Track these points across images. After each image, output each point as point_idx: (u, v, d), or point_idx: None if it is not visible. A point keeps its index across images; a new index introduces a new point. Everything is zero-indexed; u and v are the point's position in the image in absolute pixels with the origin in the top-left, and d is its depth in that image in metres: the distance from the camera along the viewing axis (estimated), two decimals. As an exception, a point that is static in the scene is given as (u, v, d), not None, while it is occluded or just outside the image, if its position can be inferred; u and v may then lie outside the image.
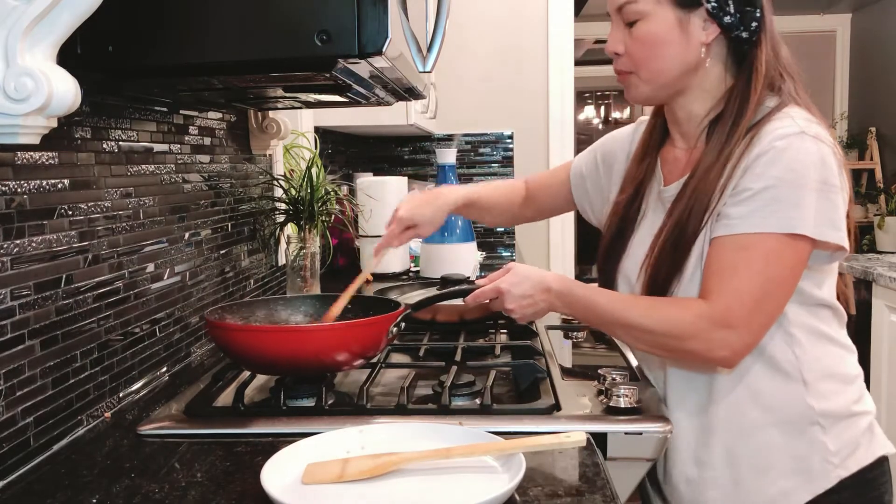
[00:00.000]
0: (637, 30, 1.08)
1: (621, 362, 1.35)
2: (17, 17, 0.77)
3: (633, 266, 1.18)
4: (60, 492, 0.87)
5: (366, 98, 1.34)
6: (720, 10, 1.05)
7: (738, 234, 1.02)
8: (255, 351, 1.09)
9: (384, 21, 0.93)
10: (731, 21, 1.06)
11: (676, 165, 1.18)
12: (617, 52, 1.12)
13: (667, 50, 1.08)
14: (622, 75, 1.14)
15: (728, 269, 1.02)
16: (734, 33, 1.07)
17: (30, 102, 0.78)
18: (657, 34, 1.07)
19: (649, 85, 1.12)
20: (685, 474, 1.13)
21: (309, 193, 1.80)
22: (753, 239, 1.01)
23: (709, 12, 1.06)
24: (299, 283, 1.80)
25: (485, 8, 3.25)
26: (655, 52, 1.09)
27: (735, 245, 1.02)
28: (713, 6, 1.05)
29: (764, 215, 1.01)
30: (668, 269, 1.09)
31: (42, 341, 0.98)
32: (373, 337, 1.13)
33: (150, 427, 1.06)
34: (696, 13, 1.06)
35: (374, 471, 0.85)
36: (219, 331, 1.12)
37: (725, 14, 1.05)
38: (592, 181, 1.37)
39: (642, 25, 1.08)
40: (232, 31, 0.97)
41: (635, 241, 1.20)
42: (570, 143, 3.32)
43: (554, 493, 0.84)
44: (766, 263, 1.01)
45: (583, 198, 1.40)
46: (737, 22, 1.06)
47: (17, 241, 0.93)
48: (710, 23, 1.07)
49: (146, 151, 1.27)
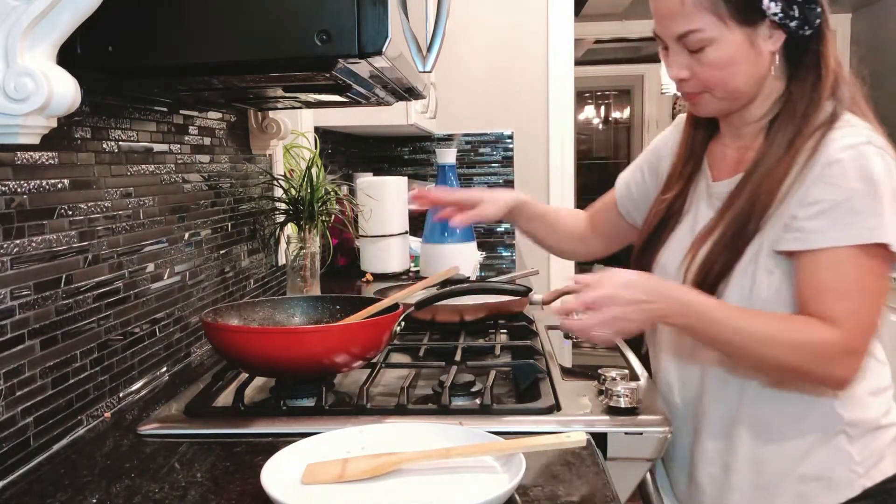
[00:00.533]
0: (706, 56, 1.05)
1: (621, 362, 1.35)
2: (17, 16, 0.77)
3: (672, 259, 1.17)
4: (60, 492, 0.87)
5: (366, 98, 1.34)
6: (785, 16, 1.03)
7: (825, 250, 1.00)
8: (253, 353, 1.09)
9: (384, 21, 0.93)
10: (797, 24, 1.04)
11: (726, 162, 1.16)
12: (682, 77, 1.09)
13: (741, 69, 1.06)
14: (692, 95, 1.11)
15: (838, 289, 1.00)
16: (798, 33, 1.05)
17: (30, 102, 0.78)
18: (729, 57, 1.04)
19: (724, 102, 1.10)
20: (711, 475, 1.12)
21: (309, 193, 1.80)
22: (843, 255, 0.99)
23: (773, 22, 1.04)
24: (299, 283, 1.80)
25: (485, 8, 3.24)
26: (730, 73, 1.06)
27: (828, 265, 1.00)
28: (779, 16, 1.03)
29: (846, 228, 0.99)
30: (720, 267, 1.07)
31: (42, 341, 0.98)
32: (372, 338, 1.13)
33: (150, 427, 1.06)
34: (762, 25, 1.04)
35: (374, 471, 0.85)
36: (216, 332, 1.12)
37: (791, 19, 1.03)
38: (639, 190, 1.35)
39: (712, 51, 1.04)
40: (232, 31, 0.97)
41: (677, 235, 1.19)
42: (570, 143, 3.32)
43: (554, 493, 0.84)
44: (871, 279, 1.00)
45: (630, 207, 1.37)
46: (801, 23, 1.04)
47: (17, 241, 0.93)
48: (776, 29, 1.05)
49: (146, 151, 1.27)
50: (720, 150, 1.18)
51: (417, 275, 2.33)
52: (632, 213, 1.36)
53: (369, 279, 2.28)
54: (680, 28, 1.05)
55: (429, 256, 2.21)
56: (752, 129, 1.13)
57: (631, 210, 1.36)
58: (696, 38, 1.04)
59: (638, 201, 1.34)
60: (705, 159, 1.20)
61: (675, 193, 1.21)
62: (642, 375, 1.25)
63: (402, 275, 2.35)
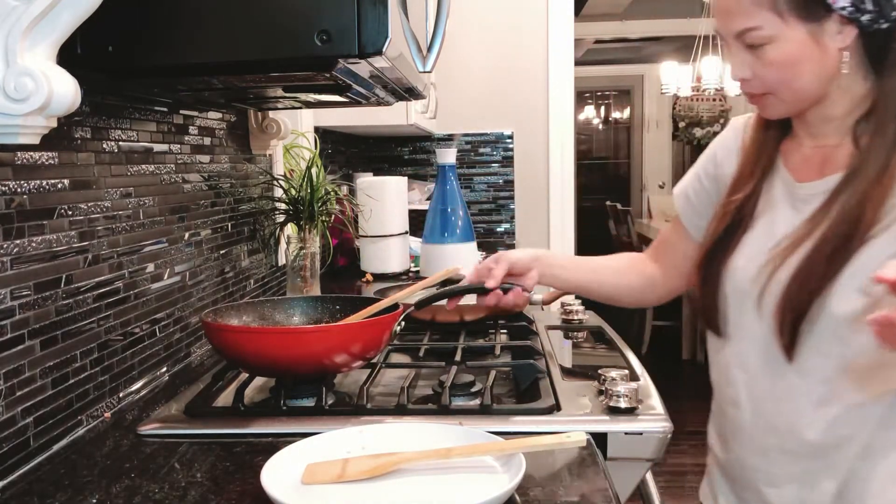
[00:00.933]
0: (766, 54, 0.99)
1: (621, 362, 1.35)
2: (17, 16, 0.77)
3: (748, 265, 1.07)
4: (60, 492, 0.87)
5: (366, 98, 1.34)
6: (856, 10, 0.95)
7: None
8: (253, 353, 1.09)
9: (384, 21, 0.93)
10: (871, 17, 0.95)
11: (808, 162, 1.08)
12: (745, 77, 1.03)
13: (804, 68, 0.99)
14: (756, 97, 1.05)
15: None
16: (873, 28, 0.97)
17: (30, 102, 0.78)
18: (791, 55, 0.98)
19: (790, 104, 1.04)
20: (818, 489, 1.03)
21: (309, 193, 1.80)
22: None
23: (843, 16, 0.96)
24: (299, 283, 1.80)
25: (485, 8, 3.25)
26: (793, 73, 0.99)
27: None
28: (849, 10, 0.95)
29: None
30: (819, 279, 0.98)
31: (42, 341, 0.98)
32: (372, 338, 1.13)
33: (150, 427, 1.06)
34: (829, 21, 0.96)
35: (374, 471, 0.85)
36: (216, 332, 1.12)
37: (863, 13, 0.95)
38: (700, 198, 1.22)
39: (772, 49, 0.98)
40: (232, 31, 0.97)
41: (751, 239, 1.09)
42: (570, 143, 3.32)
43: (554, 493, 0.84)
44: None
45: (695, 219, 1.23)
46: (876, 16, 0.96)
47: (17, 241, 0.93)
48: (846, 25, 0.97)
49: (146, 151, 1.27)
50: (797, 150, 1.10)
51: (417, 275, 2.33)
52: (699, 225, 1.22)
53: (369, 279, 2.29)
54: (738, 25, 0.99)
55: (429, 256, 2.21)
56: (834, 127, 1.05)
57: (696, 221, 1.23)
58: (755, 36, 0.98)
59: (702, 211, 1.22)
60: (779, 158, 1.12)
61: (747, 195, 1.11)
62: (642, 375, 1.25)
63: (402, 275, 2.35)
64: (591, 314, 1.71)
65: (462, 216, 2.04)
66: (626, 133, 8.84)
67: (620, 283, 1.31)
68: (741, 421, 1.09)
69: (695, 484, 1.23)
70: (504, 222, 3.34)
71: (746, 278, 1.07)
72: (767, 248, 1.05)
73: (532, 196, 3.34)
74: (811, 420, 1.02)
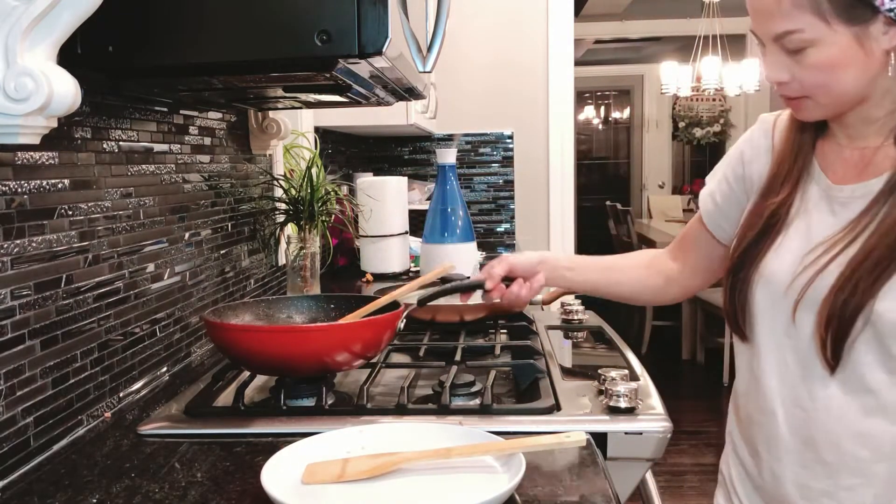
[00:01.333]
0: (808, 58, 0.95)
1: (621, 362, 1.35)
2: (17, 17, 0.77)
3: (783, 270, 1.03)
4: (60, 492, 0.87)
5: (366, 98, 1.34)
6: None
7: None
8: (257, 351, 1.09)
9: (384, 21, 0.93)
10: None
11: (846, 164, 1.04)
12: (782, 80, 0.99)
13: (847, 72, 0.95)
14: (794, 100, 1.01)
15: None
16: None
17: (30, 102, 0.78)
18: (834, 59, 0.94)
19: (829, 108, 1.00)
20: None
21: (309, 193, 1.80)
22: None
23: (890, 18, 0.91)
24: (299, 283, 1.80)
25: (485, 8, 3.25)
26: (834, 77, 0.95)
27: None
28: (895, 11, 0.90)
29: None
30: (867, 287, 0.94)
31: (42, 341, 0.98)
32: (375, 336, 1.13)
33: (150, 427, 1.06)
34: (875, 23, 0.92)
35: (374, 471, 0.85)
36: (218, 331, 1.12)
37: None
38: (727, 200, 1.18)
39: (814, 53, 0.94)
40: (232, 31, 0.97)
41: (787, 244, 1.05)
42: (570, 143, 3.32)
43: (554, 493, 0.84)
44: None
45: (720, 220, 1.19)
46: None
47: (17, 241, 0.93)
48: (892, 26, 0.92)
49: (146, 151, 1.27)
50: (835, 151, 1.06)
51: (417, 275, 2.33)
52: (723, 227, 1.18)
53: (369, 279, 2.29)
54: (777, 28, 0.95)
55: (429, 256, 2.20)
56: (876, 129, 1.01)
57: (722, 223, 1.19)
58: (796, 40, 0.94)
59: (728, 212, 1.18)
60: (815, 160, 1.07)
61: (782, 199, 1.07)
62: (642, 375, 1.25)
63: (402, 275, 2.35)
64: (591, 314, 1.71)
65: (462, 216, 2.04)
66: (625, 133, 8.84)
67: (639, 281, 1.28)
68: (776, 431, 1.05)
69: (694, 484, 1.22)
70: (504, 222, 3.34)
71: (781, 284, 1.03)
72: (803, 253, 1.01)
73: (532, 196, 3.34)
74: (853, 433, 0.99)
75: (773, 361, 1.05)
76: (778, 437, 1.04)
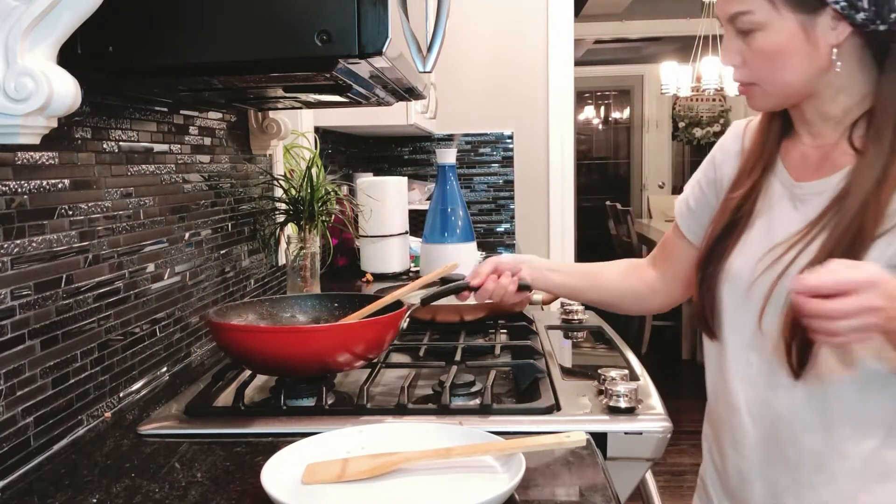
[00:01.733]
0: (755, 41, 0.98)
1: (621, 362, 1.35)
2: (17, 17, 0.77)
3: (746, 266, 1.05)
4: (60, 492, 0.87)
5: (366, 98, 1.34)
6: (851, 7, 0.93)
7: None
8: (262, 352, 1.09)
9: (384, 21, 0.93)
10: (866, 17, 0.94)
11: (807, 161, 1.06)
12: (734, 63, 1.02)
13: (791, 60, 0.97)
14: (745, 87, 1.04)
15: None
16: (870, 28, 0.95)
17: (30, 102, 0.78)
18: (779, 45, 0.97)
19: (776, 98, 1.03)
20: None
21: (309, 193, 1.80)
22: None
23: (837, 12, 0.94)
24: (299, 283, 1.80)
25: (485, 8, 3.25)
26: (779, 63, 0.98)
27: None
28: (843, 5, 0.93)
29: None
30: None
31: (42, 341, 0.98)
32: (379, 335, 1.14)
33: (150, 427, 1.06)
34: (822, 15, 0.95)
35: (374, 471, 0.85)
36: (223, 332, 1.12)
37: (858, 11, 0.93)
38: (700, 204, 1.20)
39: (761, 37, 0.97)
40: (232, 31, 0.97)
41: (749, 239, 1.07)
42: (570, 143, 3.32)
43: (554, 493, 0.84)
44: None
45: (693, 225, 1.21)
46: (872, 16, 0.94)
47: (17, 241, 0.93)
48: (840, 21, 0.95)
49: (146, 151, 1.27)
50: (797, 149, 1.08)
51: (417, 275, 2.33)
52: (697, 232, 1.20)
53: (369, 279, 2.29)
54: (731, 9, 0.99)
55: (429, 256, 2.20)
56: (832, 126, 1.03)
57: (695, 227, 1.21)
58: (746, 21, 0.98)
59: (701, 216, 1.20)
60: (779, 157, 1.10)
61: (745, 192, 1.10)
62: (642, 375, 1.25)
63: (403, 275, 2.35)
64: (591, 314, 1.71)
65: (462, 216, 2.04)
66: (625, 133, 8.84)
67: (621, 287, 1.30)
68: (742, 430, 1.06)
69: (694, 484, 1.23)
70: (504, 222, 3.34)
71: (744, 282, 1.05)
72: (764, 251, 1.03)
73: (532, 196, 3.34)
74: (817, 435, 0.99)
75: (740, 361, 1.07)
76: (744, 436, 1.06)
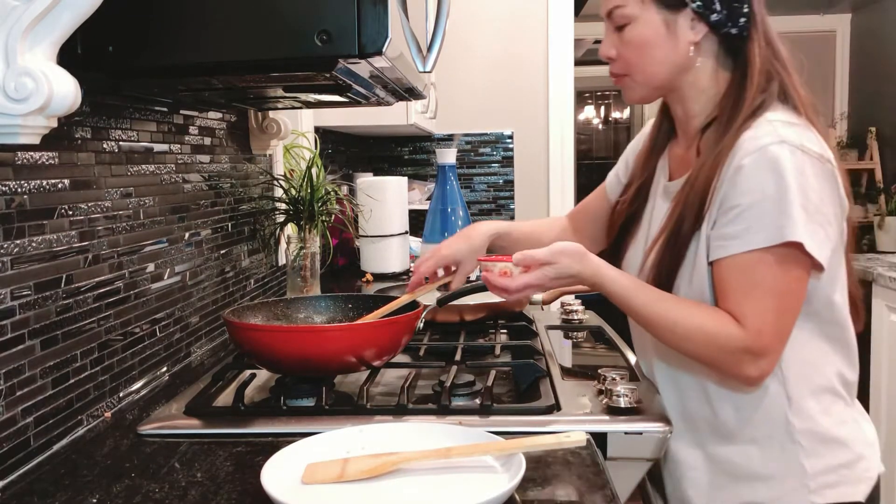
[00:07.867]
0: (626, 34, 1.10)
1: (621, 362, 1.35)
2: (17, 16, 0.77)
3: (636, 256, 1.20)
4: (60, 492, 0.87)
5: (366, 98, 1.34)
6: (706, 8, 1.06)
7: (737, 255, 1.01)
8: (278, 351, 1.10)
9: (384, 21, 0.93)
10: (719, 18, 1.06)
11: (682, 162, 1.18)
12: (610, 56, 1.14)
13: (655, 52, 1.09)
14: (617, 78, 1.15)
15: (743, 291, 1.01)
16: (722, 30, 1.07)
17: (30, 102, 0.78)
18: (645, 37, 1.09)
19: (643, 87, 1.14)
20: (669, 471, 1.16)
21: (309, 193, 1.80)
22: (754, 257, 1.00)
23: (695, 12, 1.06)
24: (299, 284, 1.80)
25: (485, 8, 3.25)
26: (645, 54, 1.10)
27: (738, 267, 1.01)
28: (698, 5, 1.06)
29: (757, 231, 1.00)
30: (670, 263, 1.09)
31: (42, 341, 0.98)
32: (398, 335, 1.16)
33: (150, 427, 1.06)
34: (683, 14, 1.07)
35: (374, 471, 0.85)
36: (246, 332, 1.12)
37: (712, 12, 1.06)
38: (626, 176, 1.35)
39: (630, 29, 1.09)
40: (232, 31, 0.97)
41: (640, 232, 1.22)
42: (570, 143, 3.32)
43: (554, 493, 0.84)
44: (781, 281, 1.00)
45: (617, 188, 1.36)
46: (724, 19, 1.06)
47: (17, 241, 0.93)
48: (698, 21, 1.07)
49: (146, 151, 1.27)
50: (678, 150, 1.21)
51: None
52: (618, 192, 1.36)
53: (369, 279, 2.29)
54: (610, 3, 1.10)
55: (429, 256, 2.20)
56: (693, 127, 1.15)
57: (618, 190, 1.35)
58: (619, 14, 1.09)
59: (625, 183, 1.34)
60: (665, 158, 1.23)
61: (635, 190, 1.24)
62: (642, 376, 1.25)
63: (402, 275, 2.35)
64: (591, 314, 1.71)
65: (462, 216, 2.04)
66: (626, 133, 8.84)
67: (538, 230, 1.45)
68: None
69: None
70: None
71: (636, 267, 1.19)
72: (644, 245, 1.18)
73: (532, 196, 3.34)
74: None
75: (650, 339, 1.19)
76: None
